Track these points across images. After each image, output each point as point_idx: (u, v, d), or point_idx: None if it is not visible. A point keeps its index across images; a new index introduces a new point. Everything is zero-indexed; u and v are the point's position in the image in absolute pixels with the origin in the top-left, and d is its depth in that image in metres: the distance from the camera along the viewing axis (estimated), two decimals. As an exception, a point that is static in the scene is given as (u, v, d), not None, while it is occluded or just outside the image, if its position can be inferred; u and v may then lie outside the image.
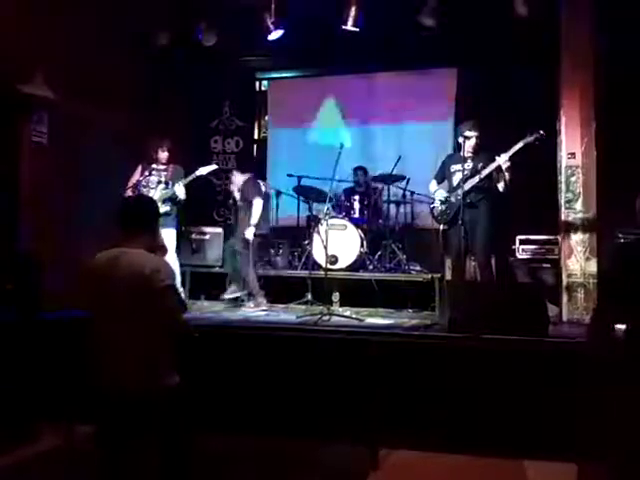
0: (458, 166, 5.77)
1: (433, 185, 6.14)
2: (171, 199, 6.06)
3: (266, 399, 4.50)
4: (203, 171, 6.15)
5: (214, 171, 6.46)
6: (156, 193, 6.03)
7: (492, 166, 5.59)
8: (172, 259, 6.06)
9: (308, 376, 4.53)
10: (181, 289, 6.12)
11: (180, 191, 6.01)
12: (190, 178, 6.06)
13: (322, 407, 4.44)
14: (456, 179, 5.82)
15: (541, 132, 5.43)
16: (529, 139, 5.47)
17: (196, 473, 3.42)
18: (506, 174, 5.54)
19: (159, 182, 6.11)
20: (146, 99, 7.18)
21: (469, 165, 5.76)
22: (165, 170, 6.14)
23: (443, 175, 6.07)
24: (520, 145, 5.50)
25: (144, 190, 6.05)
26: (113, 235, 3.07)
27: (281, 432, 4.35)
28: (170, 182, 6.07)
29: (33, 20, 5.69)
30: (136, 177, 6.17)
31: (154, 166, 6.18)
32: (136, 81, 7.06)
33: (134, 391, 2.79)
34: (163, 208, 5.87)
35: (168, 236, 5.99)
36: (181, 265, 6.68)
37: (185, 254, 7.24)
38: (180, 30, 7.19)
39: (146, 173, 6.14)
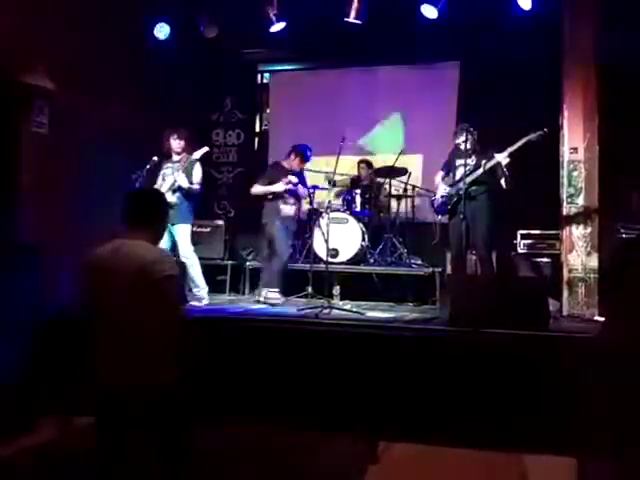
0: (462, 160, 5.83)
1: (439, 177, 6.24)
2: (180, 189, 6.00)
3: (266, 392, 4.50)
4: (196, 155, 6.11)
5: (208, 157, 6.38)
6: (166, 183, 6.00)
7: (491, 163, 5.65)
8: (193, 256, 6.04)
9: (308, 369, 4.53)
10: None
11: (182, 180, 5.96)
12: (186, 164, 6.01)
13: (322, 400, 4.43)
14: (459, 173, 5.89)
15: (544, 130, 5.47)
16: (531, 137, 5.52)
17: (195, 466, 3.43)
18: (506, 171, 5.58)
19: (170, 174, 6.06)
20: (147, 91, 7.15)
21: (473, 160, 5.81)
22: (179, 161, 6.11)
23: (449, 168, 6.13)
24: (521, 143, 5.57)
25: (161, 183, 6.06)
26: (115, 226, 3.06)
27: (280, 425, 4.35)
28: (179, 171, 5.99)
29: (34, 10, 5.66)
30: (160, 172, 6.18)
31: (171, 158, 6.17)
32: (137, 73, 7.03)
33: (134, 384, 2.76)
34: (169, 199, 5.80)
35: (183, 232, 5.99)
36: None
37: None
38: (182, 22, 7.16)
39: (164, 167, 6.15)
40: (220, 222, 7.94)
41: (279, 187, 6.49)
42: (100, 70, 6.35)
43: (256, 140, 9.26)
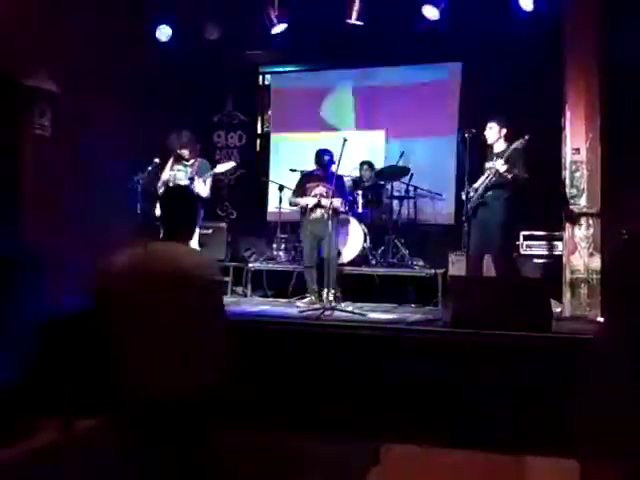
0: (488, 164, 5.82)
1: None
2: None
3: (266, 393, 4.49)
4: (221, 169, 6.15)
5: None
6: None
7: (490, 174, 5.70)
8: None
9: (309, 371, 4.53)
10: None
11: (200, 188, 5.98)
12: (208, 175, 6.03)
13: (323, 402, 4.43)
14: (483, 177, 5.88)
15: (526, 137, 5.51)
16: (516, 145, 5.57)
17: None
18: (507, 175, 5.57)
19: (183, 178, 6.10)
20: (148, 92, 7.16)
21: (489, 164, 5.80)
22: (191, 165, 6.13)
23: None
24: (510, 151, 5.61)
25: (168, 181, 6.11)
26: (117, 229, 3.04)
27: (281, 427, 4.34)
28: (195, 177, 6.02)
29: (35, 13, 5.67)
30: (166, 173, 6.19)
31: (182, 160, 6.20)
32: (139, 75, 7.04)
33: (167, 392, 2.65)
34: None
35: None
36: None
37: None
38: (183, 24, 7.17)
39: (174, 169, 6.18)
40: (222, 224, 7.94)
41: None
42: (102, 72, 6.36)
43: (258, 142, 9.27)
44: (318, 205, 6.48)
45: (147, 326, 2.72)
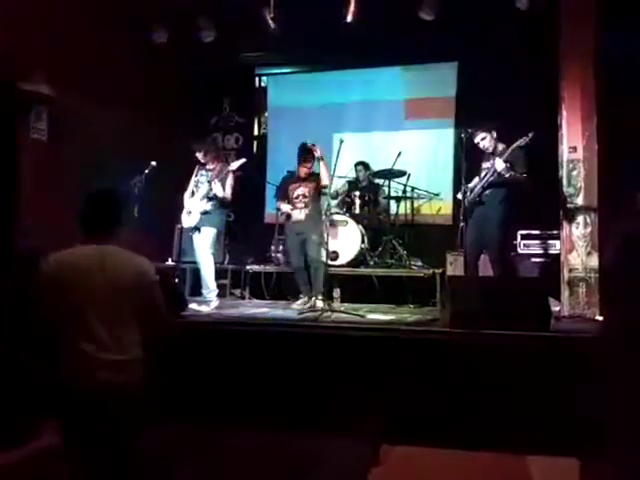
0: (485, 164, 5.83)
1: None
2: (214, 197, 6.09)
3: (267, 395, 4.49)
4: (234, 166, 6.18)
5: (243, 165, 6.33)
6: (201, 191, 6.14)
7: (490, 173, 5.69)
8: (207, 259, 6.09)
9: (309, 372, 4.52)
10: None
11: (218, 189, 6.04)
12: (224, 175, 6.08)
13: (323, 403, 4.43)
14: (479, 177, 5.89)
15: (529, 135, 5.50)
16: (519, 142, 5.57)
17: (196, 467, 3.41)
18: (505, 175, 5.57)
19: (205, 182, 6.19)
20: (145, 95, 7.15)
21: (486, 165, 5.82)
22: (212, 169, 6.22)
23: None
24: (510, 150, 5.61)
25: (195, 190, 6.23)
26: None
27: (281, 428, 4.34)
28: (214, 180, 6.09)
29: (32, 17, 5.67)
30: (192, 179, 6.32)
31: (204, 166, 6.31)
32: (135, 77, 7.03)
33: (106, 390, 2.70)
34: (204, 206, 6.07)
35: (206, 234, 6.07)
36: (183, 262, 6.69)
37: (185, 252, 7.20)
38: (179, 26, 7.16)
39: (198, 174, 6.30)
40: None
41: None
42: (98, 75, 6.35)
43: (255, 144, 9.27)
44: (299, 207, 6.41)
45: (85, 324, 2.75)
